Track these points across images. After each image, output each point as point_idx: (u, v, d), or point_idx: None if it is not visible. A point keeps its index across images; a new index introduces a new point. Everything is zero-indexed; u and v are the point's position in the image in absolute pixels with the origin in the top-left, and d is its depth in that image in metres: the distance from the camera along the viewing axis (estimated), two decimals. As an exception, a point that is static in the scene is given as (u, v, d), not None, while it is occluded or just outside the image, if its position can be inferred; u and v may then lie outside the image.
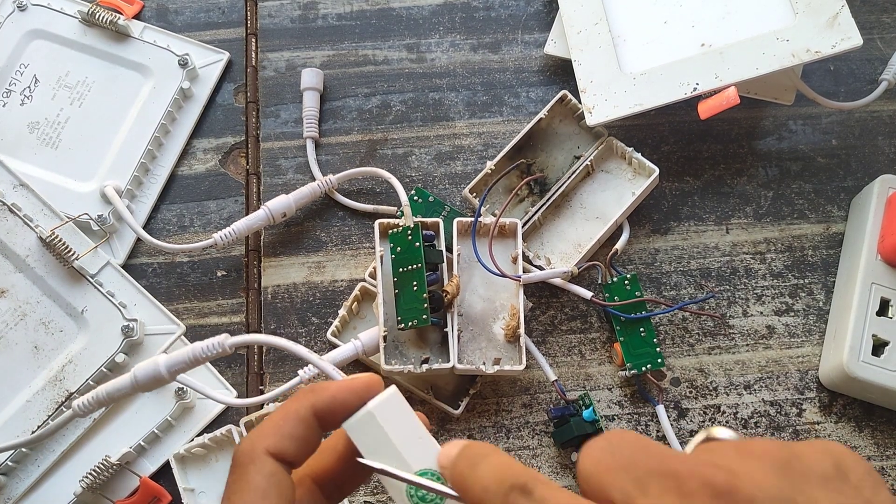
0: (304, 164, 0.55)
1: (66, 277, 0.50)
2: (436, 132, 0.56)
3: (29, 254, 0.50)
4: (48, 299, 0.50)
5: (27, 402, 0.48)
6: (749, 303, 0.52)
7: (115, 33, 0.56)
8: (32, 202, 0.51)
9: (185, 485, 0.47)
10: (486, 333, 0.49)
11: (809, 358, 0.51)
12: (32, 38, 0.56)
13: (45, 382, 0.48)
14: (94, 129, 0.55)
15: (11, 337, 0.49)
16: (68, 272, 0.50)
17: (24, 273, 0.50)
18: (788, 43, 0.49)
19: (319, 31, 0.59)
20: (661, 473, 0.25)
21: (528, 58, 0.58)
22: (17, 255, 0.50)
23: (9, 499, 0.47)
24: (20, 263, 0.50)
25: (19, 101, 0.55)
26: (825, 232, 0.54)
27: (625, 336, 0.49)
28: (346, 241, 0.54)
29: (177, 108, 0.56)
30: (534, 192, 0.53)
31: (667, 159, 0.55)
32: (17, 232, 0.50)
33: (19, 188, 0.51)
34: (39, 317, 0.49)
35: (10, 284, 0.50)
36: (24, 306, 0.50)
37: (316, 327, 0.52)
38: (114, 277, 0.51)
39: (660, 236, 0.54)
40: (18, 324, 0.49)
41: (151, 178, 0.55)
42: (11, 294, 0.50)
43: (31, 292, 0.50)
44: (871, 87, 0.54)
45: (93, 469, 0.46)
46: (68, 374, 0.48)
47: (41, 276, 0.50)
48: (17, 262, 0.50)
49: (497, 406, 0.50)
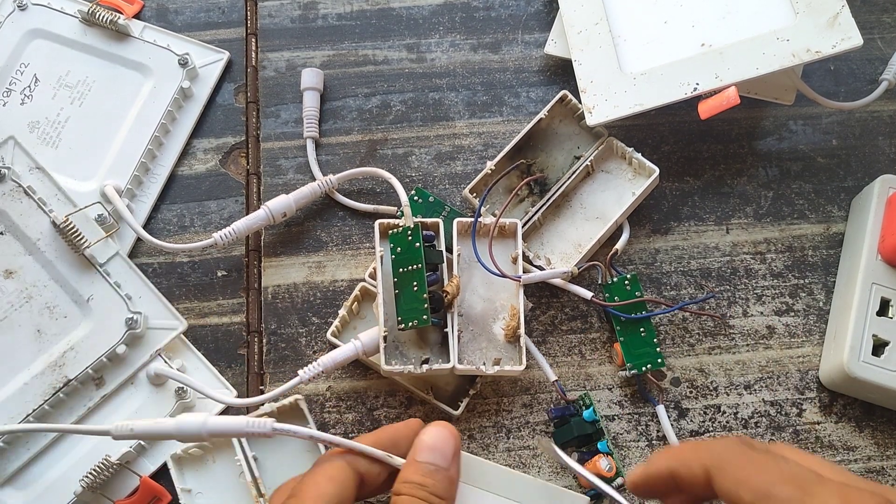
0: (304, 164, 0.55)
1: (76, 264, 0.50)
2: (436, 132, 0.56)
3: (40, 237, 0.50)
4: (55, 284, 0.50)
5: (25, 384, 0.48)
6: (749, 303, 0.52)
7: (116, 33, 0.56)
8: (48, 186, 0.51)
9: (182, 486, 0.47)
10: (487, 334, 0.49)
11: (810, 358, 0.51)
12: (32, 37, 0.56)
13: (44, 366, 0.48)
14: (94, 129, 0.55)
15: (15, 318, 0.49)
16: (78, 259, 0.50)
17: (34, 256, 0.50)
18: (788, 43, 0.49)
19: (319, 31, 0.59)
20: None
21: (529, 58, 0.58)
22: (29, 237, 0.50)
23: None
24: (30, 246, 0.50)
25: (19, 100, 0.55)
26: (825, 232, 0.54)
27: (625, 336, 0.49)
28: (346, 241, 0.54)
29: (177, 108, 0.56)
30: (534, 193, 0.53)
31: (667, 159, 0.55)
32: (30, 215, 0.50)
33: (35, 171, 0.51)
34: (45, 301, 0.50)
35: (18, 266, 0.50)
36: (30, 289, 0.50)
37: (316, 327, 0.52)
38: (121, 268, 0.51)
39: (660, 236, 0.54)
40: (23, 306, 0.49)
41: (151, 178, 0.55)
42: (19, 276, 0.50)
43: (38, 276, 0.50)
44: (872, 87, 0.54)
45: (93, 468, 0.46)
46: (69, 361, 0.48)
47: (50, 260, 0.50)
48: (27, 244, 0.50)
49: (497, 406, 0.50)
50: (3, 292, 0.49)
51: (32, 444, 0.48)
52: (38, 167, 0.51)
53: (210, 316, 0.52)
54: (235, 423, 0.37)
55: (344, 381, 0.51)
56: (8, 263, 0.50)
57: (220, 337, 0.52)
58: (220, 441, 0.47)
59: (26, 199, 0.50)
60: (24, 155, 0.52)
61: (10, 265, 0.50)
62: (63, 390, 0.48)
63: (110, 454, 0.47)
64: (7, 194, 0.50)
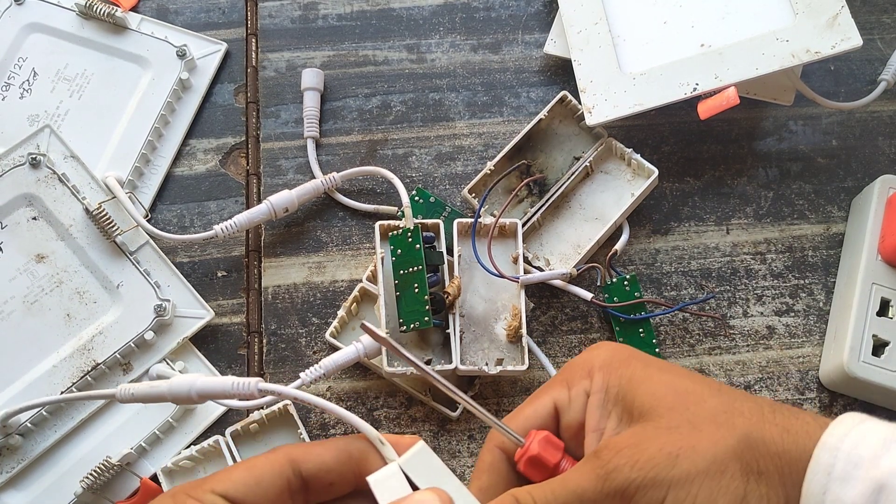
0: (304, 164, 0.55)
1: (107, 251, 0.51)
2: (436, 132, 0.56)
3: (73, 224, 0.51)
4: (86, 270, 0.51)
5: (53, 366, 0.49)
6: (749, 303, 0.52)
7: (113, 25, 0.56)
8: (81, 174, 0.52)
9: None
10: (488, 334, 0.49)
11: (810, 358, 0.51)
12: (30, 31, 0.56)
13: (73, 350, 0.49)
14: (93, 121, 0.55)
15: (46, 302, 0.50)
16: (109, 246, 0.51)
17: (66, 242, 0.51)
18: (788, 43, 0.49)
19: (320, 31, 0.59)
20: None
21: (529, 58, 0.58)
22: (62, 223, 0.51)
23: (22, 460, 0.48)
24: (63, 232, 0.51)
25: (18, 94, 0.55)
26: (825, 232, 0.54)
27: (624, 337, 0.49)
28: (346, 241, 0.54)
29: (176, 99, 0.56)
30: (533, 193, 0.53)
31: (667, 160, 0.55)
32: (63, 201, 0.51)
33: (69, 159, 0.52)
34: (75, 286, 0.50)
35: (50, 251, 0.51)
36: (61, 274, 0.50)
37: (316, 327, 0.52)
38: (151, 257, 0.52)
39: (660, 237, 0.54)
40: (54, 290, 0.50)
41: (152, 169, 0.55)
42: (51, 260, 0.50)
43: (70, 261, 0.51)
44: (871, 87, 0.54)
45: (93, 469, 0.46)
46: (97, 345, 0.49)
47: (82, 246, 0.51)
48: (60, 230, 0.51)
49: (498, 406, 0.50)
50: (34, 276, 0.50)
51: (60, 425, 0.49)
52: (72, 155, 0.52)
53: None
54: (221, 384, 0.37)
55: (344, 381, 0.51)
56: (40, 248, 0.51)
57: (221, 337, 0.52)
58: (211, 453, 0.48)
59: (60, 186, 0.51)
60: (59, 143, 0.52)
61: (43, 250, 0.50)
62: (91, 374, 0.49)
63: (111, 455, 0.47)
64: (42, 181, 0.51)
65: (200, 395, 0.38)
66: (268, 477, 0.31)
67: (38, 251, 0.50)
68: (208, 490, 0.30)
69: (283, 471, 0.31)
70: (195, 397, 0.38)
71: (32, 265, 0.50)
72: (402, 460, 0.32)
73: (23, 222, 0.51)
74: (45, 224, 0.51)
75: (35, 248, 0.50)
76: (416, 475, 0.31)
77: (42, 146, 0.52)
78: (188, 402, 0.39)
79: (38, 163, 0.51)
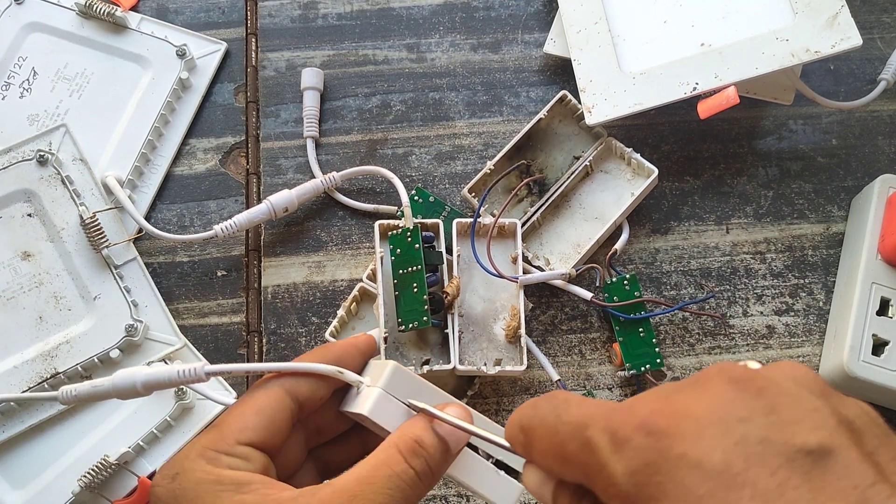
0: (304, 163, 0.55)
1: (92, 261, 0.50)
2: (436, 132, 0.56)
3: (65, 227, 0.51)
4: (68, 275, 0.50)
5: (14, 367, 0.48)
6: (749, 303, 0.52)
7: (113, 25, 0.56)
8: (86, 179, 0.52)
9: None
10: (487, 334, 0.49)
11: (810, 358, 0.51)
12: (30, 31, 0.56)
13: (37, 354, 0.49)
14: (93, 121, 0.55)
15: (22, 300, 0.50)
16: (95, 257, 0.50)
17: (55, 244, 0.51)
18: (788, 43, 0.49)
19: (320, 30, 0.59)
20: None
21: (528, 57, 0.58)
22: (55, 225, 0.51)
23: None
24: (54, 234, 0.51)
25: (18, 93, 0.55)
26: (825, 232, 0.54)
27: (623, 336, 0.49)
28: (346, 240, 0.54)
29: (176, 99, 0.56)
30: (533, 193, 0.53)
31: (667, 159, 0.55)
32: (61, 203, 0.51)
33: (78, 162, 0.52)
34: (54, 290, 0.50)
35: (37, 250, 0.50)
36: (43, 275, 0.50)
37: (316, 327, 0.52)
38: (135, 274, 0.51)
39: (660, 236, 0.54)
40: (33, 290, 0.50)
41: (152, 169, 0.55)
42: (36, 260, 0.50)
43: (54, 264, 0.50)
44: (871, 86, 0.54)
45: (91, 468, 0.46)
46: (62, 354, 0.49)
47: (69, 251, 0.50)
48: (51, 231, 0.51)
49: (497, 406, 0.50)
50: (16, 272, 0.50)
51: (9, 427, 0.48)
52: (81, 159, 0.52)
53: (210, 316, 0.52)
54: (167, 373, 0.36)
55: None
56: (29, 246, 0.50)
57: (220, 337, 0.52)
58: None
59: (61, 188, 0.51)
60: (71, 144, 0.52)
61: (31, 248, 0.50)
62: (49, 381, 0.48)
63: (109, 454, 0.47)
64: (45, 179, 0.51)
65: (146, 387, 0.37)
66: (277, 414, 0.33)
67: (25, 248, 0.50)
68: (233, 443, 0.32)
69: (286, 404, 0.34)
70: (141, 390, 0.37)
71: (17, 261, 0.50)
72: (384, 384, 0.33)
73: (17, 217, 0.51)
74: (38, 223, 0.51)
75: (23, 245, 0.50)
76: (402, 394, 0.34)
77: (54, 144, 0.52)
78: (135, 395, 0.38)
79: (46, 161, 0.51)
